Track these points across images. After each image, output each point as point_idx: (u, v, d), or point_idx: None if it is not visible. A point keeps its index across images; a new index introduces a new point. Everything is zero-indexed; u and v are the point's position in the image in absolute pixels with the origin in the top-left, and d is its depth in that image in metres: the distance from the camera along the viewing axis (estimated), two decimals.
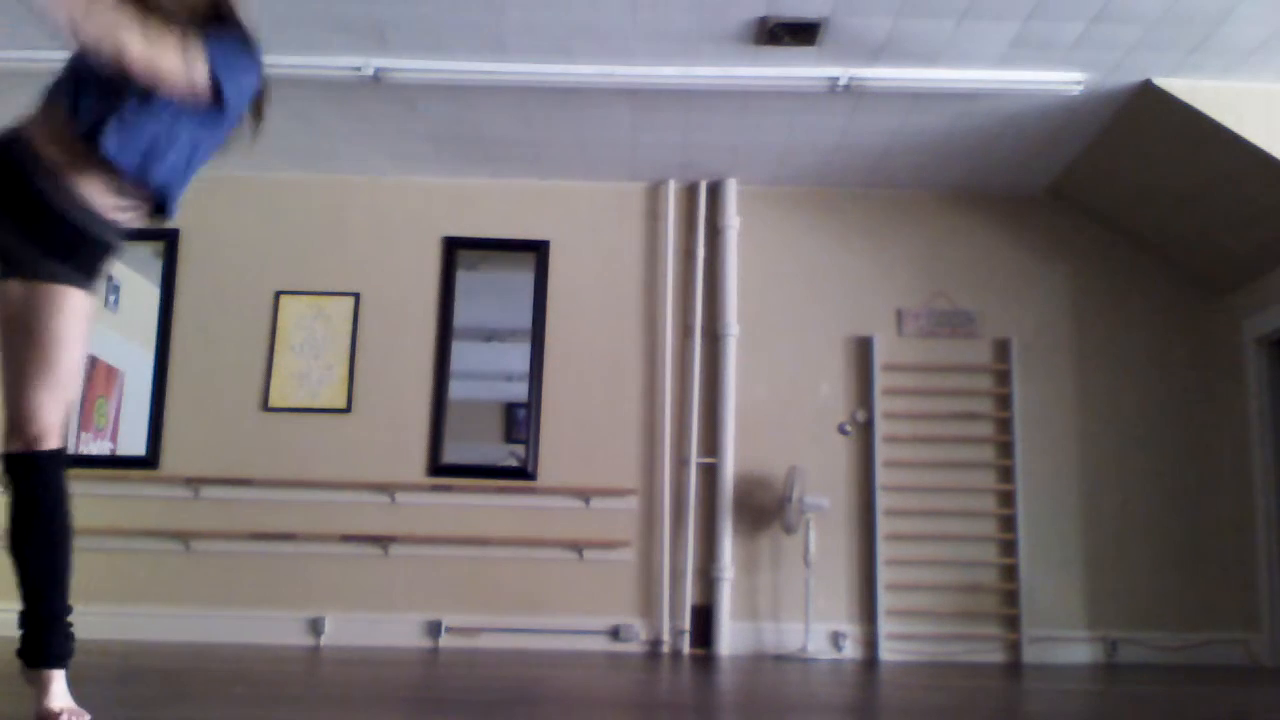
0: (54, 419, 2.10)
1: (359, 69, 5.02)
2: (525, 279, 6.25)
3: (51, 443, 2.10)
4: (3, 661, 4.05)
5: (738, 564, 5.93)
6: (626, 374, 6.15)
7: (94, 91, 2.08)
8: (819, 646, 5.77)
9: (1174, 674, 5.10)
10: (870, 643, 5.84)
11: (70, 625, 2.12)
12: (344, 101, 5.40)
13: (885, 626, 5.84)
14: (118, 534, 5.84)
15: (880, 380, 6.10)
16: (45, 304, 2.07)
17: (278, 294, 6.20)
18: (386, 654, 5.16)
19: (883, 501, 5.96)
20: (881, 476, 5.99)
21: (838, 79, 5.05)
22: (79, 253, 2.10)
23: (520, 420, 6.10)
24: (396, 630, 5.81)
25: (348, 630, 5.81)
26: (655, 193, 6.38)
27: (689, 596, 5.88)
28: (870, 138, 5.71)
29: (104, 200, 2.12)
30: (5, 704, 2.69)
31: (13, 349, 2.09)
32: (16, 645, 2.12)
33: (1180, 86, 4.98)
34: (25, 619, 2.10)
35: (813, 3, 4.49)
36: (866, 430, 6.07)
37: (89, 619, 5.73)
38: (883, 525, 5.93)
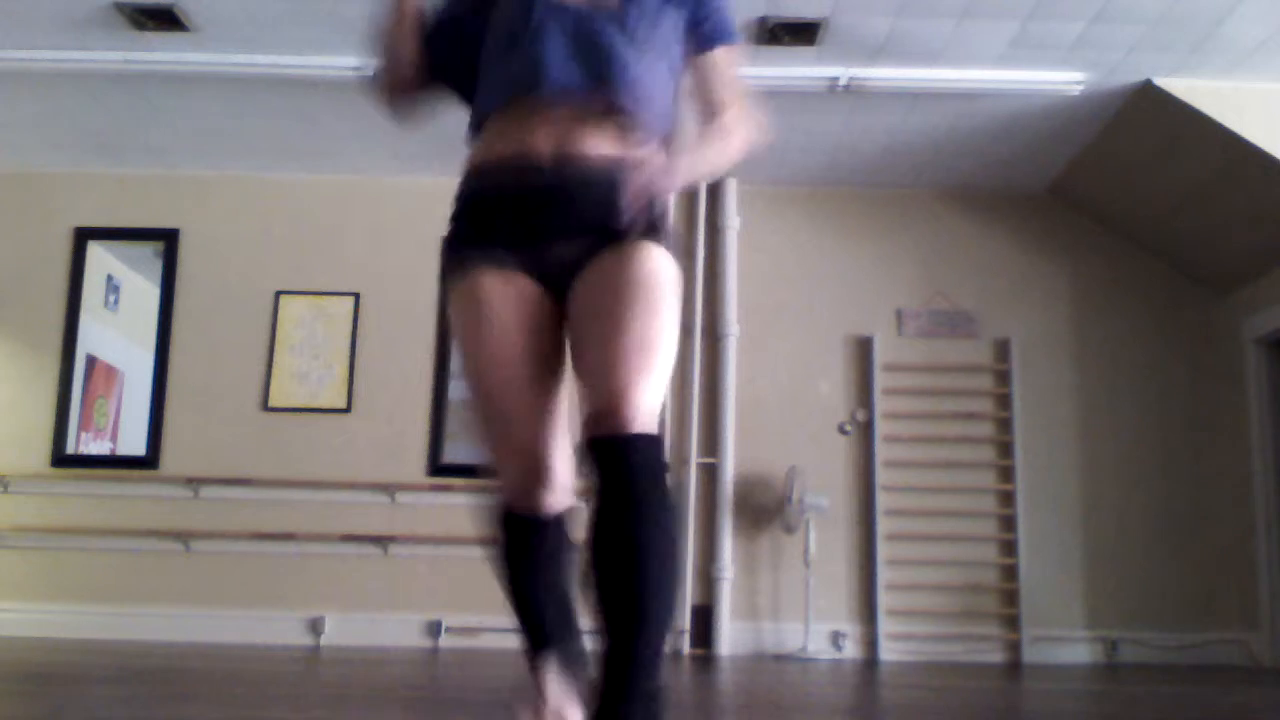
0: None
1: (359, 69, 5.02)
2: None
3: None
4: (2, 662, 4.06)
5: (738, 564, 5.93)
6: None
7: None
8: (819, 646, 5.77)
9: (1174, 674, 5.10)
10: (870, 643, 5.84)
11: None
12: (344, 101, 5.40)
13: (885, 626, 5.83)
14: (118, 534, 5.84)
15: (880, 380, 6.10)
16: None
17: (278, 294, 6.19)
18: (386, 654, 5.16)
19: (883, 501, 5.95)
20: (881, 476, 5.98)
21: (838, 79, 5.05)
22: None
23: None
24: (396, 630, 5.81)
25: (348, 630, 5.81)
26: None
27: (689, 596, 5.88)
28: (870, 138, 5.71)
29: None
30: (5, 704, 2.69)
31: None
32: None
33: (1180, 86, 4.98)
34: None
35: (813, 3, 4.49)
36: (866, 430, 6.07)
37: (89, 619, 5.78)
38: (883, 525, 5.93)
